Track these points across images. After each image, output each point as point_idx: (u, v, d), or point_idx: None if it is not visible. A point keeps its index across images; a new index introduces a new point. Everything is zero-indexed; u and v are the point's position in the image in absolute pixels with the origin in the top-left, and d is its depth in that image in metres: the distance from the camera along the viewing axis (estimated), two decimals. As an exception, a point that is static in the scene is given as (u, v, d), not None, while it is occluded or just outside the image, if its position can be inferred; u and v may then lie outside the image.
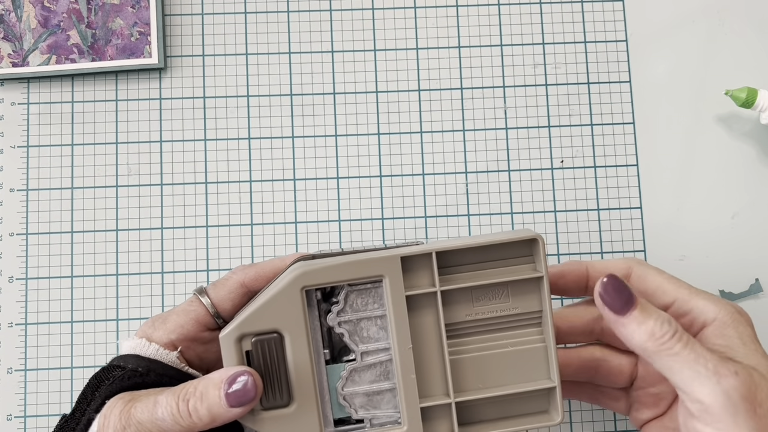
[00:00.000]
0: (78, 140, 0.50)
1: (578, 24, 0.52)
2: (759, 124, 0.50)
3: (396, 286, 0.30)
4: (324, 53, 0.51)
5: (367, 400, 0.31)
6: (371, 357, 0.31)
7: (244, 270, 0.35)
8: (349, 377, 0.31)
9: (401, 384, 0.31)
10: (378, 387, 0.31)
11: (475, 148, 0.50)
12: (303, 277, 0.30)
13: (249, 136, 0.50)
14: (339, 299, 0.31)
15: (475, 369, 0.32)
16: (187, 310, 0.34)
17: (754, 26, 0.52)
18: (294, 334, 0.30)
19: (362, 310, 0.31)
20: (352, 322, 0.31)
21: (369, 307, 0.31)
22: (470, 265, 0.32)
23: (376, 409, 0.31)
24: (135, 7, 0.49)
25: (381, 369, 0.31)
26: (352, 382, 0.31)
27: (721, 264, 0.50)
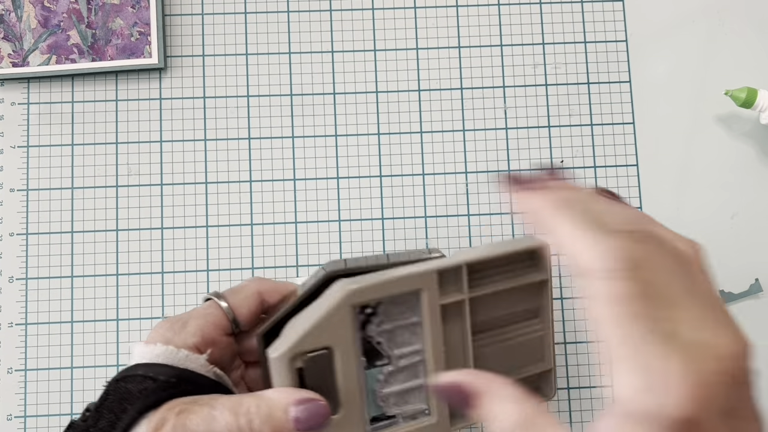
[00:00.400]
0: (78, 140, 0.50)
1: (578, 24, 0.52)
2: (759, 124, 0.50)
3: (432, 297, 0.32)
4: (324, 53, 0.51)
5: (400, 397, 0.33)
6: (405, 360, 0.33)
7: (260, 281, 0.35)
8: (386, 380, 0.33)
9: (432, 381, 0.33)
10: (410, 385, 0.33)
11: (475, 148, 0.50)
12: (353, 295, 0.31)
13: (249, 136, 0.50)
14: (378, 311, 0.32)
15: (491, 359, 0.34)
16: (206, 313, 0.34)
17: (754, 26, 0.52)
18: (343, 348, 0.31)
19: (398, 318, 0.33)
20: (388, 330, 0.33)
21: (404, 315, 0.33)
22: (491, 271, 0.34)
23: (408, 404, 0.34)
24: (135, 7, 0.49)
25: (413, 369, 0.33)
26: (388, 384, 0.33)
27: (721, 264, 0.50)
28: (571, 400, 0.48)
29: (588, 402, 0.48)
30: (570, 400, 0.48)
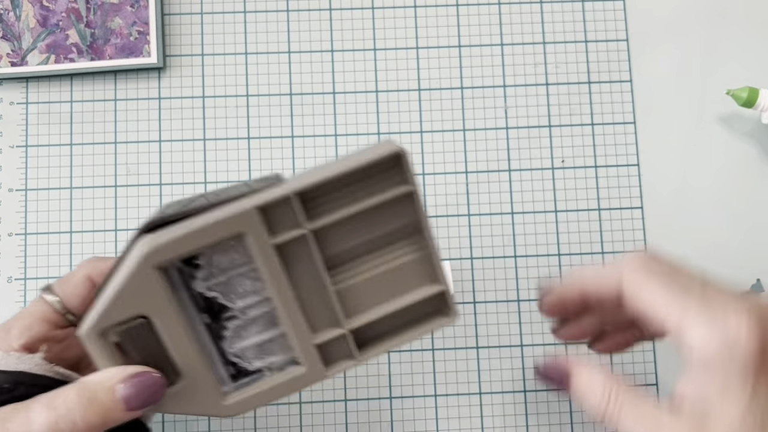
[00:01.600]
0: (77, 140, 0.50)
1: (579, 23, 0.52)
2: (760, 124, 0.50)
3: (261, 239, 0.28)
4: (324, 53, 0.51)
5: (260, 350, 0.31)
6: (253, 310, 0.30)
7: (92, 263, 0.33)
8: (234, 335, 0.30)
9: (290, 329, 0.30)
10: (268, 336, 0.30)
11: (475, 148, 0.50)
12: (151, 255, 0.27)
13: (249, 136, 0.50)
14: (201, 263, 0.29)
15: (364, 292, 0.31)
16: (32, 311, 0.32)
17: (755, 26, 0.52)
18: (160, 313, 0.28)
19: (230, 268, 0.29)
20: (222, 282, 0.29)
21: (236, 262, 0.29)
22: (337, 193, 0.30)
23: (272, 356, 0.31)
24: (134, 7, 0.49)
25: (267, 318, 0.30)
26: (239, 338, 0.30)
27: (721, 264, 0.49)
28: (572, 400, 0.48)
29: (588, 402, 0.48)
30: (570, 401, 0.48)
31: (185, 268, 0.29)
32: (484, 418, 0.48)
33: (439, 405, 0.48)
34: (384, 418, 0.48)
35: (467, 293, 0.49)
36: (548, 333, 0.49)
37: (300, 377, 0.30)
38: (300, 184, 0.28)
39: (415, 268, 0.32)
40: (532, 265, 0.49)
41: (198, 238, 0.28)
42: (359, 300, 0.31)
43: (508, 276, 0.49)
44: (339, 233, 0.30)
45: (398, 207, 0.30)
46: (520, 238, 0.49)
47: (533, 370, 0.31)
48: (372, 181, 0.30)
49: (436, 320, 0.33)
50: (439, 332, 0.48)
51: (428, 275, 0.32)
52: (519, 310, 0.49)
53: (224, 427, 0.47)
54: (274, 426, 0.47)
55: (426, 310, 0.32)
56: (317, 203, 0.29)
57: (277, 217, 0.29)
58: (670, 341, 0.30)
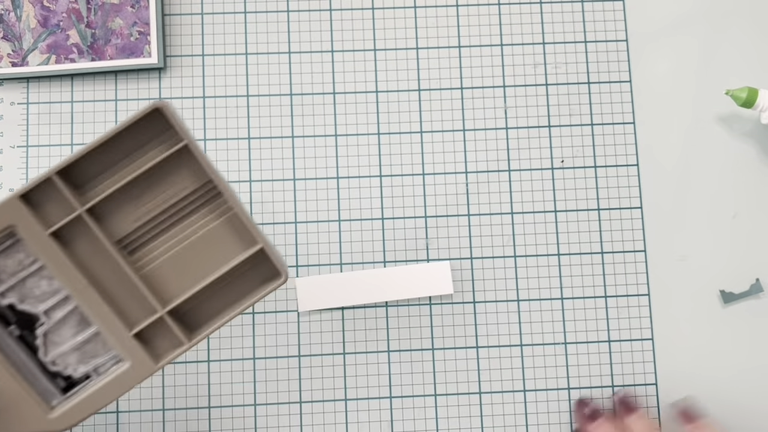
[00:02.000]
0: (77, 140, 0.50)
1: (578, 24, 0.52)
2: (759, 124, 0.50)
3: (34, 230, 0.27)
4: (324, 53, 0.51)
5: (81, 354, 0.29)
6: (58, 311, 0.28)
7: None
8: (46, 342, 0.28)
9: (101, 323, 0.28)
10: (83, 337, 0.29)
11: (475, 148, 0.50)
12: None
13: (249, 136, 0.50)
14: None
15: (175, 269, 0.29)
16: None
17: (754, 26, 0.52)
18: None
19: (19, 270, 0.28)
20: (15, 287, 0.28)
21: (24, 263, 0.27)
22: (111, 169, 0.28)
23: (96, 358, 0.29)
24: (134, 7, 0.49)
25: (76, 317, 0.29)
26: (52, 344, 0.28)
27: (721, 264, 0.49)
28: (572, 400, 0.48)
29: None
30: (570, 401, 0.48)
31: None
32: (484, 418, 0.48)
33: (439, 405, 0.48)
34: (384, 418, 0.48)
35: (467, 293, 0.49)
36: (548, 333, 0.49)
37: (126, 374, 0.28)
38: (60, 162, 0.27)
39: (224, 232, 0.30)
40: (532, 265, 0.49)
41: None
42: (172, 280, 0.29)
43: (508, 276, 0.49)
44: (125, 210, 0.28)
45: (181, 169, 0.29)
46: (519, 238, 0.49)
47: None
48: (146, 148, 0.28)
49: (267, 284, 0.30)
50: (439, 332, 0.48)
51: (241, 237, 0.30)
52: (519, 310, 0.49)
53: (224, 427, 0.47)
54: (274, 426, 0.47)
55: (254, 277, 0.30)
56: (93, 183, 0.28)
57: (47, 203, 0.27)
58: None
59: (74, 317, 0.29)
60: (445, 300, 0.49)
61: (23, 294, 0.28)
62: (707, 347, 0.49)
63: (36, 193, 0.27)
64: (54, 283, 0.28)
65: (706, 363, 0.49)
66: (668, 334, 0.49)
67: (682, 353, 0.49)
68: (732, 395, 0.48)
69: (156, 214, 0.29)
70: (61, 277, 0.27)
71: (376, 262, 0.49)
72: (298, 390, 0.48)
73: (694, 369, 0.49)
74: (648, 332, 0.49)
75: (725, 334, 0.49)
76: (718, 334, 0.49)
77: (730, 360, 0.49)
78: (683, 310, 0.49)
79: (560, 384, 0.48)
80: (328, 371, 0.48)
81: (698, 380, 0.49)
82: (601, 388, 0.48)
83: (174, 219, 0.29)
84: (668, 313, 0.49)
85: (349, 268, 0.49)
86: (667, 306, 0.49)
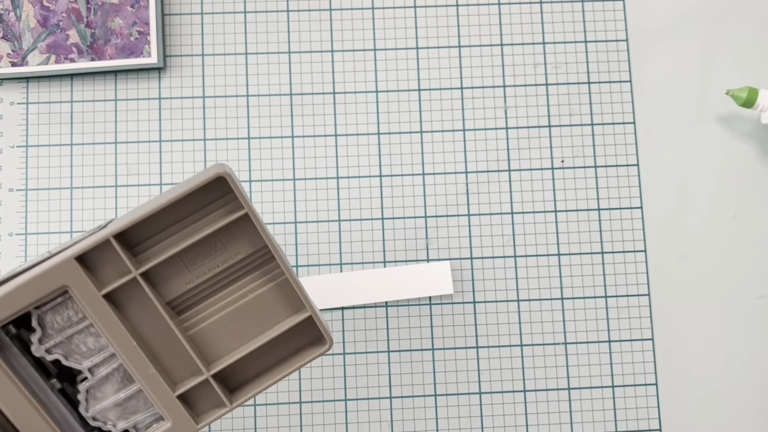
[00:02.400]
0: (77, 140, 0.50)
1: (579, 24, 0.52)
2: (760, 124, 0.50)
3: (87, 291, 0.26)
4: (324, 53, 0.51)
5: (122, 410, 0.29)
6: (103, 368, 0.28)
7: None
8: (88, 397, 0.28)
9: (144, 383, 0.28)
10: (125, 394, 0.29)
11: (475, 148, 0.50)
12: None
13: (249, 136, 0.50)
14: (34, 325, 0.27)
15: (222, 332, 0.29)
16: None
17: (754, 26, 0.52)
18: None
19: (67, 326, 0.27)
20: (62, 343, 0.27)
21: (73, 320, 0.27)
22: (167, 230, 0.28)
23: (136, 414, 0.29)
24: (134, 7, 0.49)
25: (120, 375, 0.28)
26: (94, 400, 0.28)
27: (721, 264, 0.49)
28: (572, 400, 0.48)
29: (588, 402, 0.48)
30: (570, 401, 0.48)
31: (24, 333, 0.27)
32: (484, 418, 0.48)
33: (439, 405, 0.48)
34: (384, 418, 0.48)
35: (467, 293, 0.49)
36: (548, 333, 0.49)
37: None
38: (118, 226, 0.27)
39: (274, 298, 0.29)
40: (532, 265, 0.49)
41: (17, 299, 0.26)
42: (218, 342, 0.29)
43: (508, 276, 0.49)
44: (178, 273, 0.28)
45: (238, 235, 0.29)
46: (520, 238, 0.49)
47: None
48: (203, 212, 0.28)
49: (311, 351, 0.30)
50: (439, 332, 0.48)
51: (291, 303, 0.30)
52: (519, 310, 0.49)
53: (224, 427, 0.47)
54: (274, 426, 0.47)
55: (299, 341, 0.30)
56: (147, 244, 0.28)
57: (102, 265, 0.27)
58: None
59: (118, 374, 0.29)
60: (445, 300, 0.49)
61: (69, 350, 0.28)
62: (707, 347, 0.49)
63: (91, 253, 0.27)
64: (100, 340, 0.28)
65: (706, 363, 0.49)
66: (668, 334, 0.49)
67: (682, 353, 0.49)
68: (732, 395, 0.48)
69: (208, 277, 0.29)
70: (110, 336, 0.27)
71: (376, 262, 0.49)
72: (298, 390, 0.48)
73: (694, 369, 0.49)
74: (648, 332, 0.49)
75: (725, 334, 0.49)
76: (717, 334, 0.49)
77: (730, 360, 0.49)
78: (683, 310, 0.49)
79: (560, 384, 0.48)
80: (328, 371, 0.48)
81: (698, 380, 0.49)
82: (601, 388, 0.48)
83: (225, 282, 0.29)
84: (668, 313, 0.49)
85: (349, 268, 0.49)
86: (667, 306, 0.49)
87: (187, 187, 0.27)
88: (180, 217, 0.28)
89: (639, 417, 0.48)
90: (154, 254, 0.28)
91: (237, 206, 0.28)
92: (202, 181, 0.27)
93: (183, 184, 0.28)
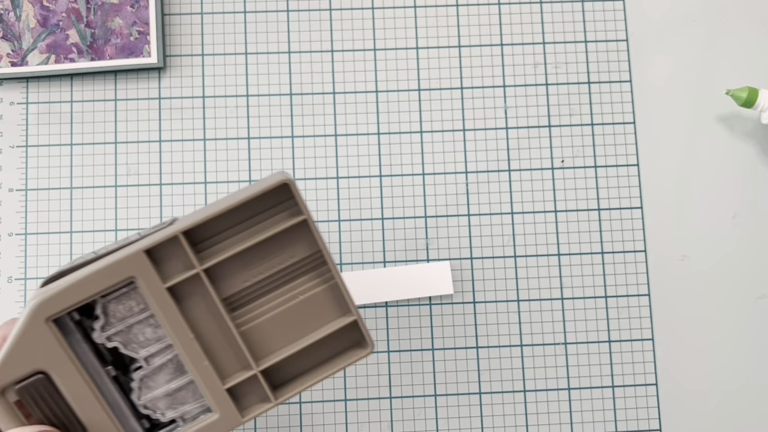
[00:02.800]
0: (77, 140, 0.50)
1: (579, 24, 0.52)
2: (760, 124, 0.50)
3: (152, 283, 0.28)
4: (324, 53, 0.51)
5: (172, 400, 0.30)
6: (158, 358, 0.29)
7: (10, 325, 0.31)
8: (141, 385, 0.30)
9: (197, 375, 0.29)
10: (177, 384, 0.30)
11: (475, 148, 0.50)
12: (41, 308, 0.27)
13: (249, 136, 0.50)
14: (98, 313, 0.29)
15: (272, 330, 0.31)
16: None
17: (755, 26, 0.52)
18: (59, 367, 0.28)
19: (128, 316, 0.29)
20: (122, 332, 0.29)
21: (134, 310, 0.29)
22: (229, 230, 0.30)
23: (184, 405, 0.30)
24: (134, 7, 0.49)
25: (173, 365, 0.30)
26: (147, 388, 0.30)
27: (721, 264, 0.49)
28: (572, 400, 0.48)
29: (588, 402, 0.48)
30: (570, 401, 0.48)
31: (86, 320, 0.29)
32: (484, 418, 0.48)
33: (439, 405, 0.48)
34: (384, 418, 0.48)
35: (467, 293, 0.49)
36: (548, 333, 0.49)
37: (214, 425, 0.30)
38: (186, 223, 0.28)
39: (323, 300, 0.31)
40: (532, 265, 0.49)
41: (87, 286, 0.27)
42: (268, 339, 0.31)
43: (508, 276, 0.49)
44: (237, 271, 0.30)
45: (295, 238, 0.30)
46: (520, 238, 0.49)
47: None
48: (264, 215, 0.30)
49: (353, 353, 0.32)
50: (439, 332, 0.48)
51: (338, 306, 0.31)
52: (519, 310, 0.49)
53: (224, 427, 0.47)
54: (274, 426, 0.47)
55: (341, 343, 0.32)
56: (210, 242, 0.29)
57: (168, 259, 0.28)
58: None
59: (171, 365, 0.30)
60: (445, 300, 0.49)
61: (128, 339, 0.29)
62: (707, 347, 0.49)
63: (159, 248, 0.28)
64: (158, 331, 0.29)
65: (706, 363, 0.49)
66: (668, 334, 0.49)
67: (682, 353, 0.49)
68: (732, 395, 0.48)
69: (264, 277, 0.30)
70: (170, 328, 0.28)
71: (376, 262, 0.49)
72: (298, 390, 0.48)
73: (694, 369, 0.49)
74: (648, 332, 0.49)
75: (725, 334, 0.49)
76: (717, 334, 0.49)
77: (730, 360, 0.49)
78: (683, 310, 0.49)
79: (560, 384, 0.48)
80: (328, 371, 0.48)
81: (698, 380, 0.49)
82: (601, 388, 0.48)
83: (278, 282, 0.31)
84: (668, 313, 0.49)
85: (349, 268, 0.48)
86: (667, 306, 0.49)
87: (253, 192, 0.29)
88: (241, 218, 0.29)
89: (639, 417, 0.48)
90: (216, 252, 0.29)
91: (296, 212, 0.30)
92: (268, 187, 0.29)
93: (248, 189, 0.29)
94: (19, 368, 0.27)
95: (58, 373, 0.28)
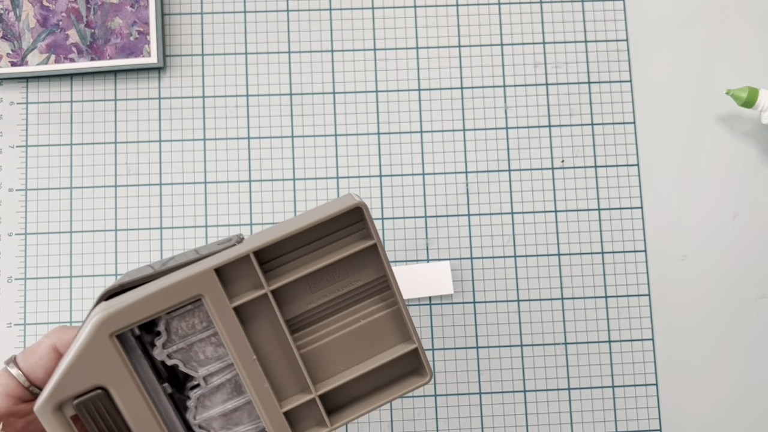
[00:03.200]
0: (77, 140, 0.50)
1: (579, 24, 0.52)
2: (760, 124, 0.50)
3: (219, 301, 0.27)
4: (324, 53, 0.51)
5: (226, 420, 0.30)
6: (216, 378, 0.29)
7: (57, 333, 0.31)
8: (198, 404, 0.29)
9: (256, 397, 0.29)
10: (233, 404, 0.29)
11: (475, 148, 0.50)
12: (107, 322, 0.26)
13: (249, 135, 0.50)
14: (160, 329, 0.28)
15: (332, 353, 0.30)
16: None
17: (755, 26, 0.52)
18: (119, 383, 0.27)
19: (190, 334, 0.28)
20: (183, 349, 0.28)
21: (197, 328, 0.28)
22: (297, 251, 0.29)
23: (238, 426, 0.30)
24: (134, 7, 0.49)
25: (231, 385, 0.29)
26: (203, 408, 0.29)
27: (721, 264, 0.49)
28: (572, 400, 0.48)
29: (588, 402, 0.48)
30: (570, 401, 0.48)
31: (145, 336, 0.28)
32: (484, 418, 0.48)
33: (439, 405, 0.48)
34: (384, 418, 0.48)
35: (467, 293, 0.49)
36: (548, 333, 0.49)
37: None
38: (257, 243, 0.28)
39: (384, 326, 0.31)
40: (532, 265, 0.49)
41: (154, 303, 0.27)
42: (327, 362, 0.30)
43: (508, 276, 0.49)
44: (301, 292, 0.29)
45: (362, 262, 0.30)
46: (520, 238, 0.49)
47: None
48: (333, 237, 0.29)
49: (410, 381, 0.31)
50: (439, 332, 0.48)
51: (399, 333, 0.31)
52: (519, 310, 0.49)
53: (224, 427, 0.47)
54: (274, 426, 0.47)
55: (398, 369, 0.31)
56: (277, 262, 0.29)
57: (236, 278, 0.28)
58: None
59: (229, 384, 0.29)
60: (445, 300, 0.49)
61: (188, 357, 0.28)
62: (707, 347, 0.49)
63: (229, 267, 0.28)
64: (219, 350, 0.29)
65: (706, 363, 0.49)
66: (668, 334, 0.49)
67: (682, 353, 0.49)
68: (732, 395, 0.48)
69: (328, 300, 0.30)
70: (233, 348, 0.28)
71: (376, 262, 0.49)
72: (298, 390, 0.48)
73: (694, 369, 0.49)
74: (648, 332, 0.49)
75: (725, 334, 0.49)
76: (717, 334, 0.49)
77: (730, 360, 0.49)
78: (683, 310, 0.49)
79: (560, 384, 0.48)
80: (328, 371, 0.48)
81: (698, 380, 0.49)
82: (601, 389, 0.48)
83: (341, 305, 0.30)
84: (668, 313, 0.49)
85: (349, 268, 0.48)
86: (667, 306, 0.49)
87: (325, 215, 0.28)
88: (310, 239, 0.29)
89: (639, 417, 0.48)
90: (283, 273, 0.29)
91: (366, 235, 0.29)
92: (341, 210, 0.28)
93: (319, 210, 0.29)
94: (79, 383, 0.27)
95: (117, 390, 0.27)
